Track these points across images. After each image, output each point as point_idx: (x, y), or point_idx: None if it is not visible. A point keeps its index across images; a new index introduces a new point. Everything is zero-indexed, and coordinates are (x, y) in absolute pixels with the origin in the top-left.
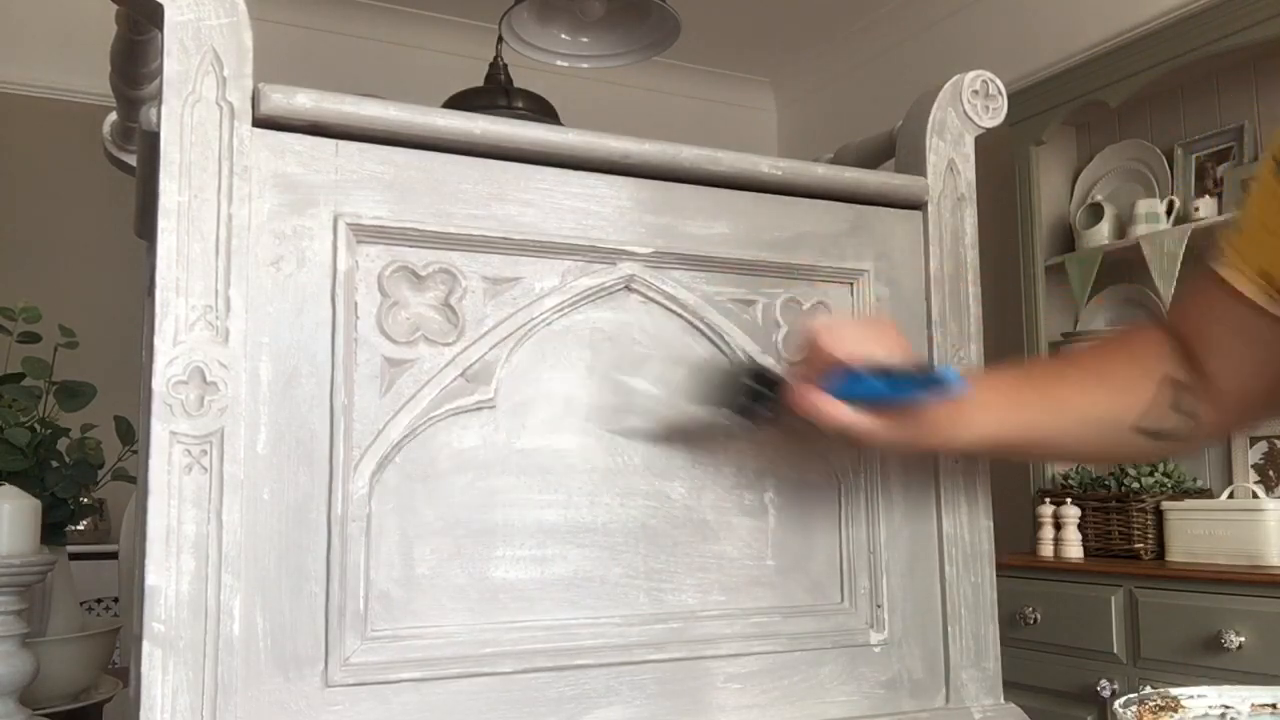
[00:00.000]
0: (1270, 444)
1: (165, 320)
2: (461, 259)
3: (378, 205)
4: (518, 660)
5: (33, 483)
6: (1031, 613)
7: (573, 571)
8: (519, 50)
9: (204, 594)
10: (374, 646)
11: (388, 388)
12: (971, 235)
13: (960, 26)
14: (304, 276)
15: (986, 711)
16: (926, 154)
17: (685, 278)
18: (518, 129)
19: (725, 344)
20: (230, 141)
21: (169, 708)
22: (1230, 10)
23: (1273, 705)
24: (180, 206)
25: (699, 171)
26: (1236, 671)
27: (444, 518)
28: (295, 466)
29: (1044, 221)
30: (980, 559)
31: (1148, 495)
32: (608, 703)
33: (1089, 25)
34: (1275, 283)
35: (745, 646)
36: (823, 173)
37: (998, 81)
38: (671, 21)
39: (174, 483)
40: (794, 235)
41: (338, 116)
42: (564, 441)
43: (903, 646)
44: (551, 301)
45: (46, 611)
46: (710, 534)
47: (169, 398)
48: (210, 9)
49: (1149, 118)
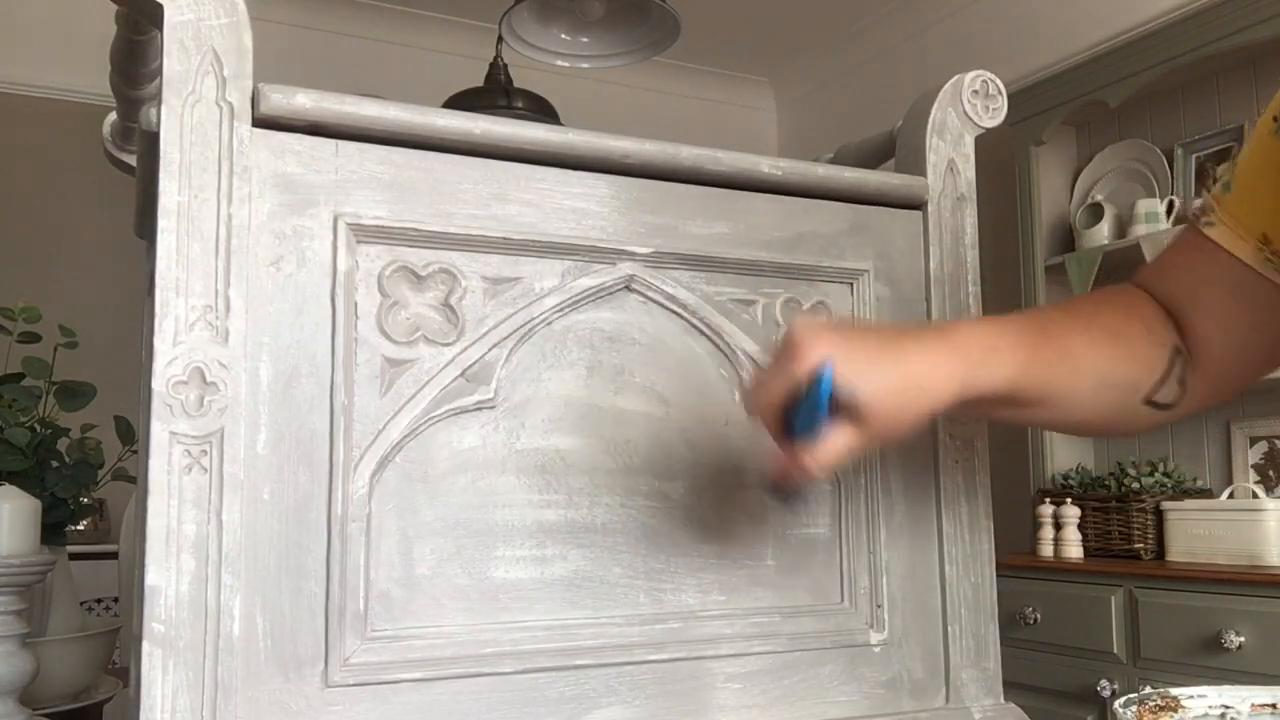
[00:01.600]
0: (1270, 444)
1: (165, 320)
2: (461, 259)
3: (378, 205)
4: (518, 660)
5: (33, 483)
6: (1031, 613)
7: (573, 571)
8: (519, 50)
9: (204, 594)
10: (374, 646)
11: (388, 388)
12: (971, 235)
13: (960, 26)
14: (304, 276)
15: (986, 711)
16: (926, 154)
17: (685, 278)
18: (518, 129)
19: (725, 344)
20: (230, 141)
21: (169, 708)
22: (1230, 10)
23: (1273, 705)
24: (180, 206)
25: (699, 171)
26: (1236, 671)
27: (444, 518)
28: (295, 466)
29: (1044, 221)
30: (980, 559)
31: (1148, 495)
32: (608, 703)
33: (1089, 25)
34: (1274, 245)
35: (745, 646)
36: (823, 173)
37: (998, 81)
38: (671, 21)
39: (174, 483)
40: (794, 235)
41: (337, 116)
42: (564, 441)
43: (903, 646)
44: (551, 301)
45: (46, 611)
46: (710, 534)
47: (169, 398)
48: (210, 9)
49: (1149, 118)
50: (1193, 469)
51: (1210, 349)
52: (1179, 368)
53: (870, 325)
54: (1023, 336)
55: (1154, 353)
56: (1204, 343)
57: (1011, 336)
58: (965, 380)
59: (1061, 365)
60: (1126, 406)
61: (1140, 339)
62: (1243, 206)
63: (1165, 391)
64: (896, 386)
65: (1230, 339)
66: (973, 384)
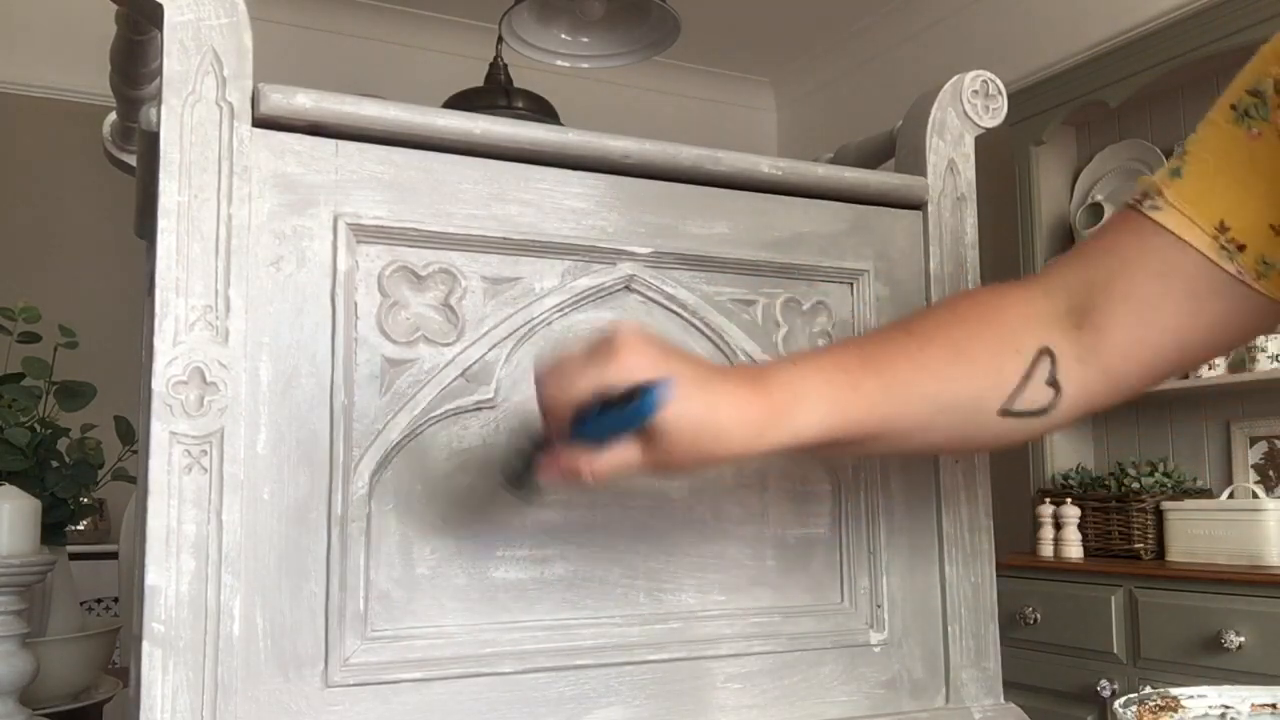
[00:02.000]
0: (1270, 444)
1: (165, 320)
2: (461, 259)
3: (378, 205)
4: (518, 660)
5: (33, 483)
6: (1031, 613)
7: (572, 572)
8: (519, 50)
9: (204, 594)
10: (374, 646)
11: (388, 388)
12: (971, 235)
13: (960, 26)
14: (304, 276)
15: (986, 711)
16: (926, 154)
17: (685, 278)
18: (518, 129)
19: (725, 344)
20: (230, 141)
21: (169, 708)
22: (1230, 10)
23: (1273, 705)
24: (180, 206)
25: (699, 171)
26: (1236, 671)
27: (444, 518)
28: (295, 466)
29: (1044, 221)
30: (980, 559)
31: (1148, 495)
32: (608, 703)
33: (1089, 25)
34: (1230, 233)
35: (745, 646)
36: (823, 173)
37: (998, 81)
38: (671, 21)
39: (174, 483)
40: (794, 235)
41: (337, 116)
42: None
43: (903, 646)
44: (551, 301)
45: (46, 611)
46: (710, 534)
47: (169, 398)
48: (210, 9)
49: (1149, 118)
50: (1193, 469)
51: (1123, 339)
52: (1045, 370)
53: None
54: (841, 374)
55: (1006, 361)
56: (1116, 332)
57: (827, 375)
58: (767, 433)
59: (887, 398)
60: (978, 423)
61: (988, 350)
62: (1197, 192)
63: (1026, 398)
64: (695, 424)
65: (1149, 330)
66: (777, 436)
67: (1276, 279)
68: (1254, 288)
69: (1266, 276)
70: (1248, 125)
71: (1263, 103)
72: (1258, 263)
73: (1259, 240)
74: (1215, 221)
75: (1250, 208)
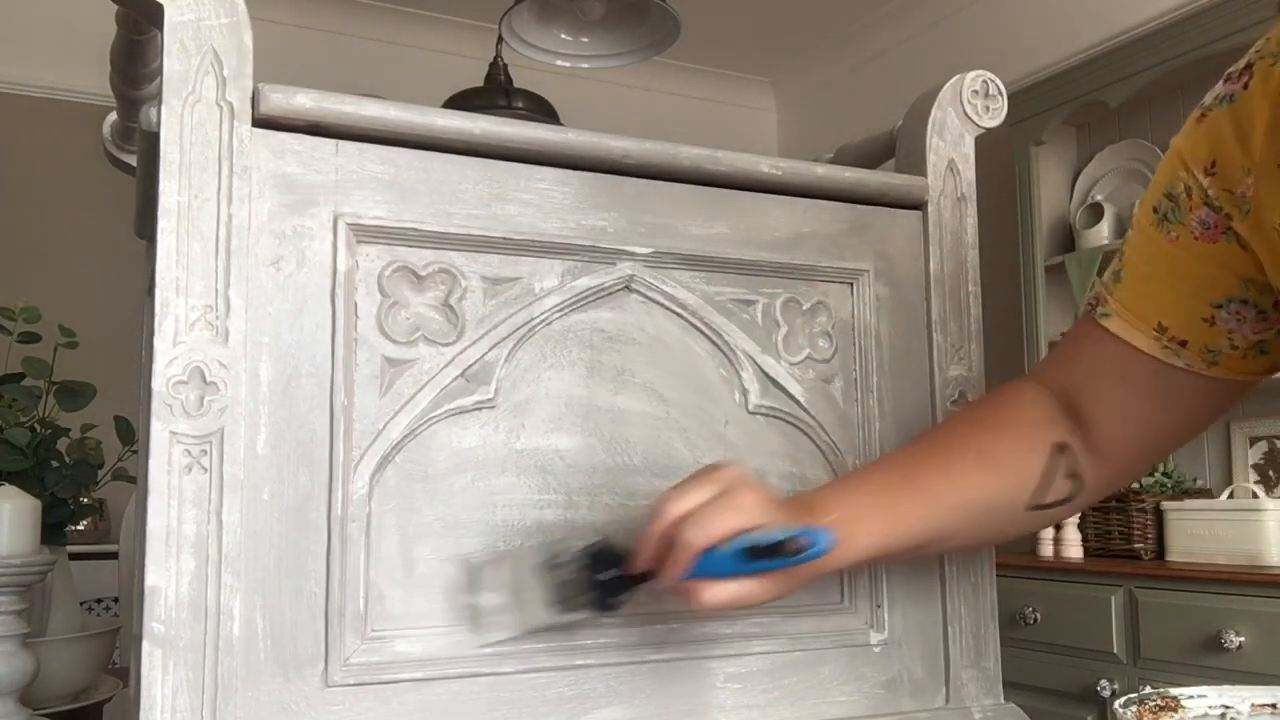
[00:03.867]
0: (1270, 444)
1: (165, 320)
2: (461, 259)
3: (378, 205)
4: (518, 660)
5: (33, 483)
6: (1031, 613)
7: None
8: (519, 50)
9: (204, 594)
10: (374, 646)
11: (388, 388)
12: (971, 235)
13: (960, 26)
14: (304, 276)
15: (986, 711)
16: (926, 154)
17: (685, 278)
18: (518, 129)
19: (725, 344)
20: (230, 141)
21: (169, 708)
22: (1230, 10)
23: (1273, 705)
24: (180, 206)
25: (699, 171)
26: (1236, 671)
27: (444, 518)
28: (295, 466)
29: (1044, 221)
30: (980, 559)
31: (1148, 495)
32: (608, 703)
33: (1089, 25)
34: (1170, 333)
35: (745, 646)
36: (823, 173)
37: (998, 81)
38: (671, 21)
39: (174, 483)
40: (794, 235)
41: (338, 116)
42: (564, 441)
43: (903, 646)
44: (551, 301)
45: (46, 611)
46: None
47: (169, 398)
48: (210, 9)
49: (1149, 118)
50: (1193, 469)
51: (1108, 436)
52: (1065, 464)
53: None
54: (883, 495)
55: (1029, 462)
56: (1101, 431)
57: (875, 499)
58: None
59: (930, 511)
60: (1011, 519)
61: (1012, 453)
62: (1135, 296)
63: (1052, 492)
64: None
65: (1129, 426)
66: (840, 560)
67: (1228, 362)
68: (1208, 375)
69: (1217, 364)
70: (1166, 230)
71: (1177, 206)
72: (1203, 354)
73: (1197, 334)
74: (1154, 323)
75: (1181, 306)
